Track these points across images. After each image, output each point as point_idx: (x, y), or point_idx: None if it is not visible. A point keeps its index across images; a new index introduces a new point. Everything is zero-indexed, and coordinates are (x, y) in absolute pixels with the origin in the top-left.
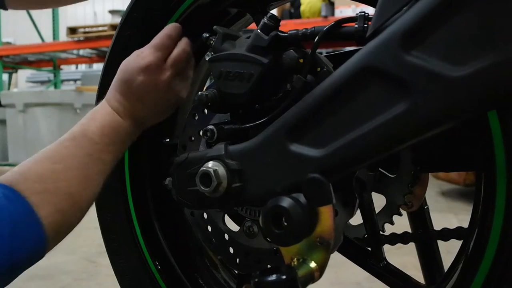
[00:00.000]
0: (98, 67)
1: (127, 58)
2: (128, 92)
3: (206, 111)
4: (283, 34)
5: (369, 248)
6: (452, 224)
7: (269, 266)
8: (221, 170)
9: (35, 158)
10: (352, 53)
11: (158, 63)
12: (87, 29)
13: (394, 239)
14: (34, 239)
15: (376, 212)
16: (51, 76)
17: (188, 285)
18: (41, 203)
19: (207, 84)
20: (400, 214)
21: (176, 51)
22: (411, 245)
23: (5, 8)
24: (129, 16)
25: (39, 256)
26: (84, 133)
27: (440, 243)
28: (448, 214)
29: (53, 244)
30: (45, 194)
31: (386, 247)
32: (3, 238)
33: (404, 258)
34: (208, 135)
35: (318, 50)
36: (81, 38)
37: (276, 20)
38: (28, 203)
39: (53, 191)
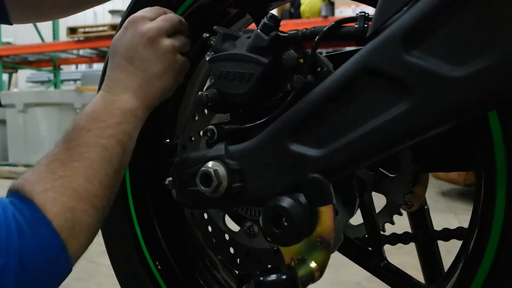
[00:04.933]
0: (98, 67)
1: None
2: (115, 60)
3: (206, 111)
4: (283, 34)
5: (370, 248)
6: (452, 224)
7: (269, 266)
8: (221, 170)
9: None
10: (352, 53)
11: (141, 17)
12: (87, 29)
13: (395, 239)
14: (45, 239)
15: (377, 212)
16: (51, 76)
17: (188, 285)
18: (46, 202)
19: (207, 84)
20: (401, 214)
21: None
22: (411, 245)
23: (10, 23)
24: (129, 16)
25: (59, 258)
26: (74, 125)
27: (440, 243)
28: (448, 214)
29: (74, 246)
30: (48, 192)
31: (386, 247)
32: (12, 239)
33: (404, 258)
34: (208, 135)
35: (318, 50)
36: (81, 38)
37: (276, 20)
38: (33, 204)
39: (55, 188)
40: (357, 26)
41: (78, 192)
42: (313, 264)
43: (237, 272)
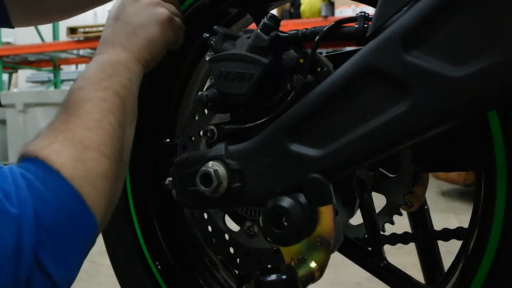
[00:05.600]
0: None
1: None
2: (106, 23)
3: (206, 111)
4: (283, 34)
5: (369, 248)
6: (452, 224)
7: (269, 266)
8: (221, 170)
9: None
10: (352, 53)
11: None
12: (87, 29)
13: (395, 239)
14: (56, 189)
15: (376, 212)
16: (51, 76)
17: (188, 285)
18: (51, 154)
19: (207, 84)
20: (401, 214)
21: None
22: (411, 245)
23: (12, 27)
24: None
25: (76, 209)
26: (70, 90)
27: (440, 243)
28: (448, 214)
29: (92, 196)
30: (52, 145)
31: (386, 247)
32: (22, 192)
33: (404, 258)
34: (208, 135)
35: (318, 50)
36: (81, 38)
37: (276, 20)
38: (38, 159)
39: (59, 141)
40: (357, 26)
41: (82, 142)
42: (313, 264)
43: (237, 272)
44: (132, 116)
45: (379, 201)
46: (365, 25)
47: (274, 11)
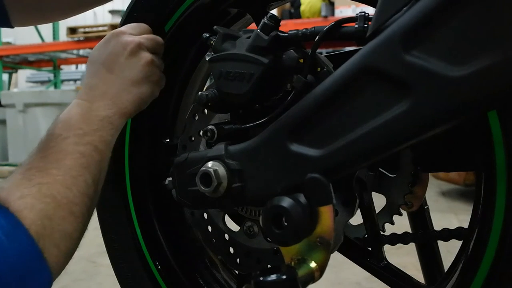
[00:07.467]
0: None
1: None
2: (94, 68)
3: (206, 111)
4: (283, 34)
5: (369, 248)
6: (452, 224)
7: (269, 266)
8: (221, 170)
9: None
10: (352, 53)
11: (125, 30)
12: (87, 29)
13: (395, 239)
14: (21, 246)
15: (376, 212)
16: (51, 76)
17: (188, 285)
18: (23, 208)
19: (207, 84)
20: (401, 214)
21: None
22: (411, 245)
23: (11, 26)
24: (129, 16)
25: (35, 267)
26: (50, 134)
27: (440, 243)
28: (448, 214)
29: (54, 255)
30: (25, 198)
31: (386, 247)
32: None
33: (404, 258)
34: (208, 135)
35: (318, 50)
36: (81, 38)
37: (276, 20)
38: (9, 211)
39: (33, 195)
40: (357, 26)
41: (56, 199)
42: (313, 264)
43: (237, 272)
44: (105, 168)
45: (379, 201)
46: (365, 25)
47: (274, 11)
